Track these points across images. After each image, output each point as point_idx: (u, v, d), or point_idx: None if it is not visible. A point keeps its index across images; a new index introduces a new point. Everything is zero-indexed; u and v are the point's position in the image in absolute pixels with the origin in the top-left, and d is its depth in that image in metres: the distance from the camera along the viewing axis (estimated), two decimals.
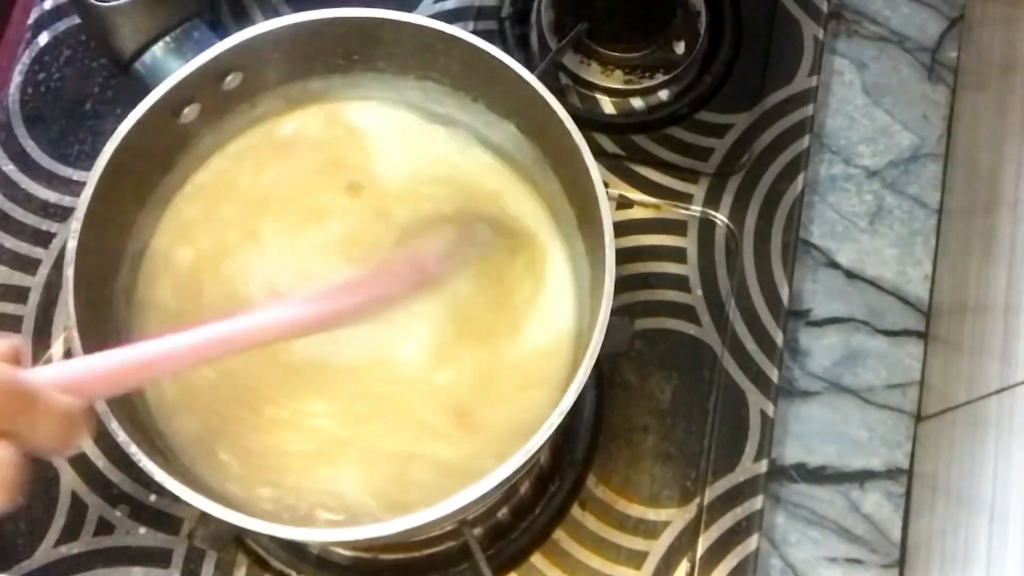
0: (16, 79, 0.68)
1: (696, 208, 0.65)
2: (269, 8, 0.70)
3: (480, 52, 0.49)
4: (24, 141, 0.66)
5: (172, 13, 0.52)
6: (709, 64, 0.69)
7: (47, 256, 0.64)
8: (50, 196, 0.65)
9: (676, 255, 0.64)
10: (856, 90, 0.70)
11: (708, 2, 0.69)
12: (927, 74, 0.70)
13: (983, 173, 0.64)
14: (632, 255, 0.63)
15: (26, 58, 0.68)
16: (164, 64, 0.51)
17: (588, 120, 0.66)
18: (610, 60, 0.68)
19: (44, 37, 0.69)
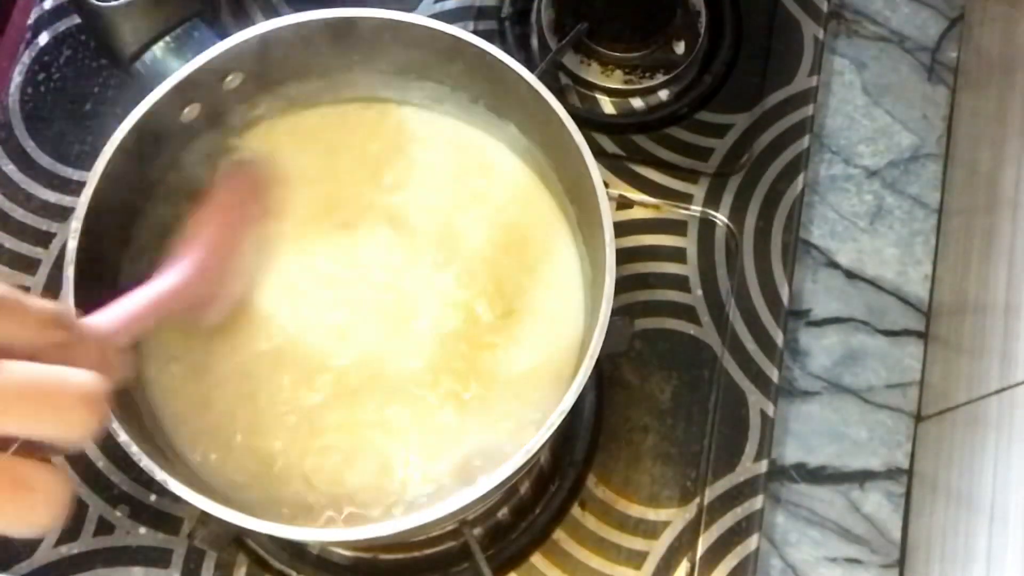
0: (16, 79, 0.68)
1: (696, 208, 0.65)
2: (269, 8, 0.70)
3: (480, 52, 0.49)
4: (24, 141, 0.66)
5: (172, 13, 0.51)
6: (709, 64, 0.69)
7: (47, 256, 0.64)
8: (50, 196, 0.65)
9: (676, 255, 0.64)
10: (856, 90, 0.70)
11: (708, 2, 0.69)
12: (927, 74, 0.70)
13: (983, 173, 0.64)
14: (632, 255, 0.63)
15: (26, 58, 0.68)
16: (164, 64, 0.51)
17: (588, 120, 0.66)
18: (610, 60, 0.68)
19: (44, 37, 0.69)
